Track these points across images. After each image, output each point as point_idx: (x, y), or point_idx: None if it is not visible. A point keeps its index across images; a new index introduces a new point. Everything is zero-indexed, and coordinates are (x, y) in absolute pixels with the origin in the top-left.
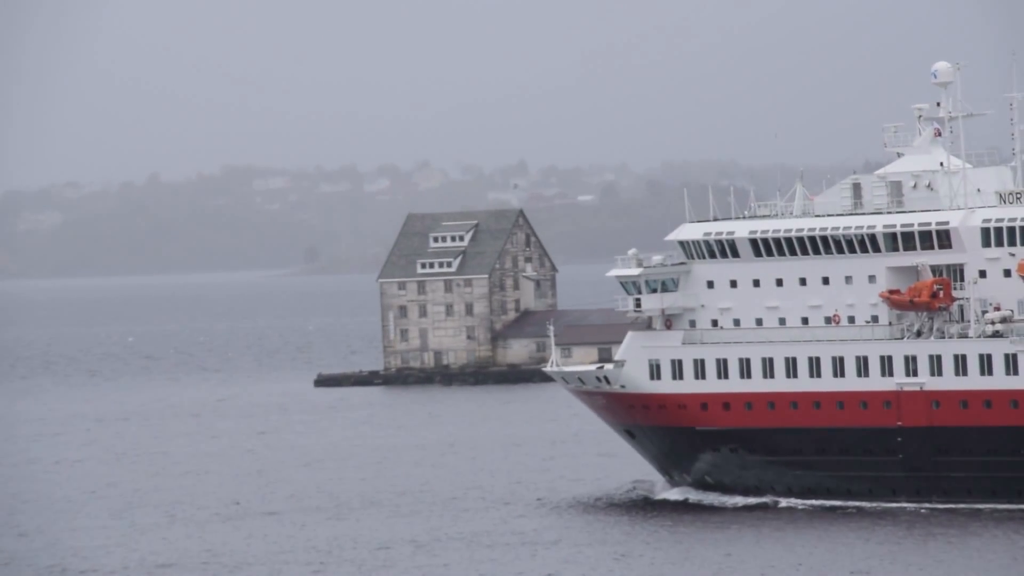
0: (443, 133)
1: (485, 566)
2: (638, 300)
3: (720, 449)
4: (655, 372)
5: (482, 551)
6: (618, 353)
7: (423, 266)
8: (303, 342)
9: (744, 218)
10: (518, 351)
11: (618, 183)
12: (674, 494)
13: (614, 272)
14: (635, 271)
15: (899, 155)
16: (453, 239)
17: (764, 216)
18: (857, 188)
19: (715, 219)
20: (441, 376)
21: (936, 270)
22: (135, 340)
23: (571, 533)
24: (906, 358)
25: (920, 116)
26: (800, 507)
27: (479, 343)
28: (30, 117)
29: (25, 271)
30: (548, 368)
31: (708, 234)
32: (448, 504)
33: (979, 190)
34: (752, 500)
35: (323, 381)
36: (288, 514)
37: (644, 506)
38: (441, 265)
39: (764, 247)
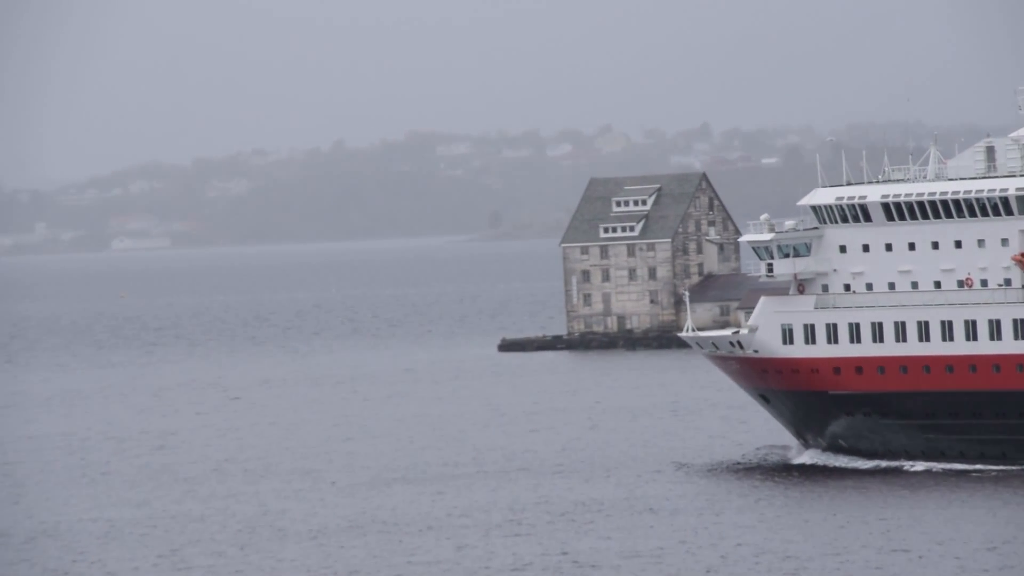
0: (625, 97)
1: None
2: (770, 265)
3: (853, 413)
4: (788, 337)
5: (621, 517)
6: (751, 318)
7: (606, 230)
8: (488, 307)
9: (877, 182)
10: (701, 315)
11: (802, 145)
12: (808, 458)
13: (746, 238)
14: (767, 236)
15: None
16: (636, 203)
17: (897, 180)
18: (991, 151)
19: (848, 183)
20: (624, 340)
21: None
22: (331, 304)
23: (699, 500)
24: None
25: None
26: (934, 470)
27: (662, 307)
28: (219, 86)
29: (213, 238)
30: (683, 334)
31: (840, 198)
32: (592, 469)
33: None
34: (885, 464)
35: (507, 346)
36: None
37: (778, 470)
38: (624, 229)
39: (896, 211)
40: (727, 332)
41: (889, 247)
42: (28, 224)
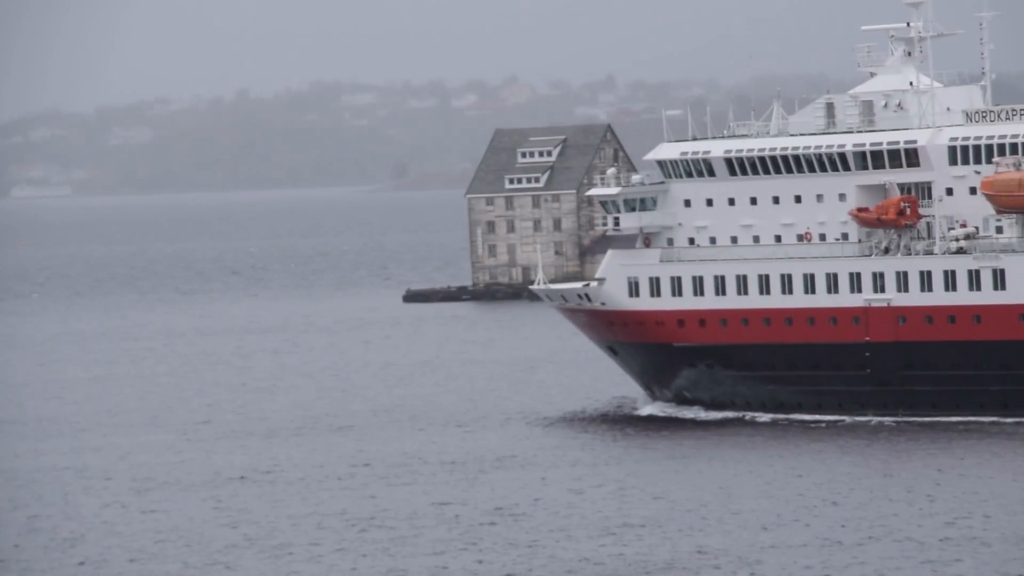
0: (531, 47)
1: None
2: (616, 219)
3: (696, 365)
4: (634, 289)
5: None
6: (598, 271)
7: (511, 181)
8: (391, 258)
9: (721, 138)
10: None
11: (707, 98)
12: (654, 409)
13: (593, 192)
14: (614, 191)
15: (872, 75)
16: (541, 154)
17: (740, 136)
18: (830, 108)
19: (693, 139)
20: (528, 292)
21: (904, 188)
22: (226, 255)
23: (544, 453)
24: (874, 275)
25: (892, 36)
26: (772, 421)
27: (567, 259)
28: (119, 32)
29: (115, 187)
30: (534, 287)
31: (685, 153)
32: (442, 424)
33: (948, 109)
34: (727, 415)
35: (411, 297)
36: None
37: (623, 421)
38: (529, 180)
39: (739, 166)
40: (576, 285)
41: (732, 202)
42: None
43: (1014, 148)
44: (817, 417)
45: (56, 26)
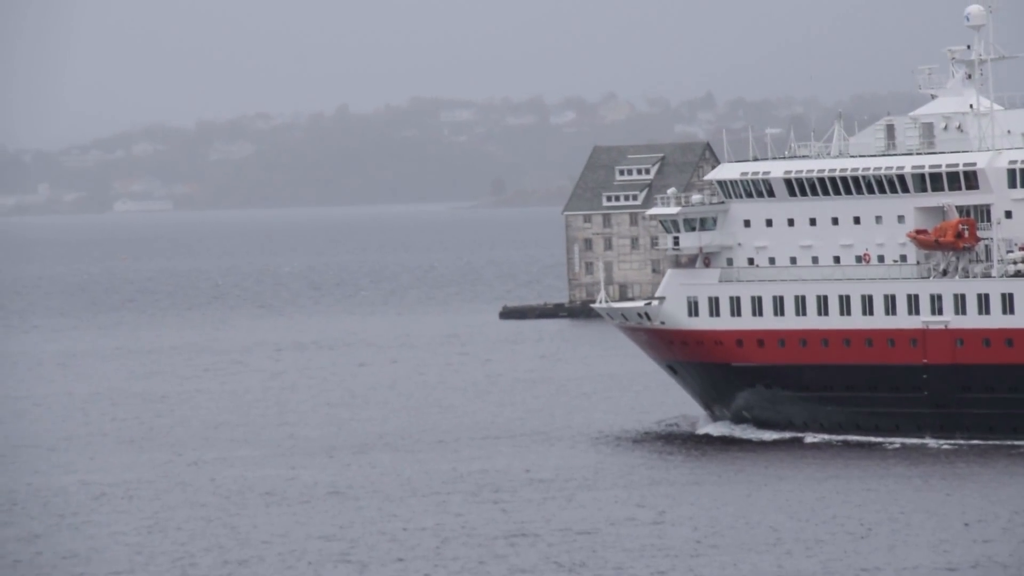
0: (629, 65)
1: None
2: (676, 238)
3: (755, 385)
4: (693, 309)
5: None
6: (659, 290)
7: (608, 199)
8: (490, 274)
9: (782, 158)
10: None
11: (806, 116)
12: (713, 429)
13: (653, 211)
14: (674, 210)
15: (932, 97)
16: (639, 172)
17: (801, 156)
18: (890, 129)
19: (754, 159)
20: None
21: (963, 210)
22: (328, 269)
23: (600, 473)
24: (932, 297)
25: (953, 58)
26: (830, 442)
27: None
28: (221, 48)
29: (216, 201)
30: (596, 305)
31: (745, 174)
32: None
33: (1009, 132)
34: (785, 435)
35: (508, 313)
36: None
37: (682, 440)
38: (627, 198)
39: (798, 187)
40: (637, 304)
41: (791, 222)
42: (31, 185)
43: None
44: (874, 439)
45: (159, 42)
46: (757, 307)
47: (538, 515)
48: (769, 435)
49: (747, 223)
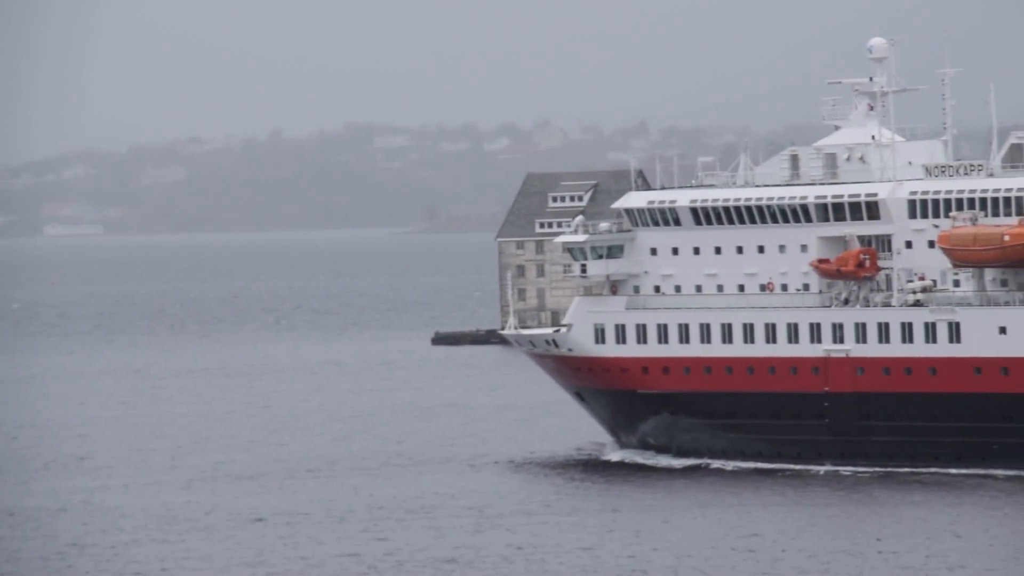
0: (563, 93)
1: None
2: (584, 266)
3: (660, 412)
4: (600, 336)
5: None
6: (566, 317)
7: (541, 225)
8: (423, 300)
9: (687, 187)
10: None
11: (739, 144)
12: (619, 455)
13: (562, 239)
14: (582, 238)
15: (836, 128)
16: (572, 199)
17: (708, 186)
18: (795, 159)
19: (662, 188)
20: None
21: (865, 240)
22: (257, 295)
23: (496, 499)
24: (833, 325)
25: (856, 90)
26: (731, 469)
27: None
28: (155, 72)
29: (148, 226)
30: (504, 331)
31: (652, 202)
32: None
33: (911, 163)
34: (689, 462)
35: (440, 339)
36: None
37: (585, 467)
38: (560, 225)
39: (704, 216)
40: (545, 331)
41: (697, 251)
42: None
43: (971, 203)
44: (777, 466)
45: (91, 65)
46: (663, 335)
47: (462, 542)
48: (674, 462)
49: (654, 251)
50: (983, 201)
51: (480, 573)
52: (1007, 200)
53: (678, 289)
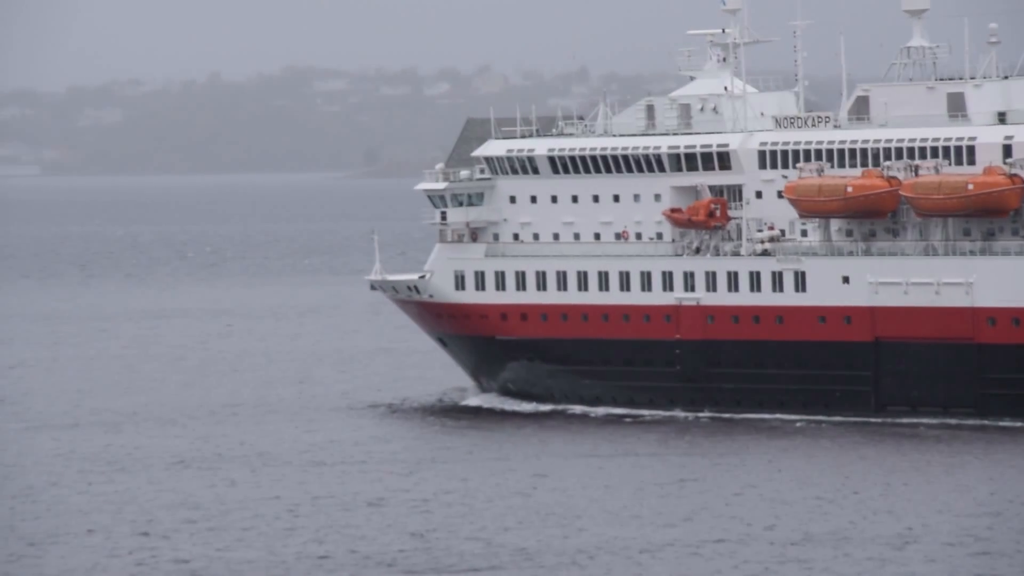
0: (504, 38)
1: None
2: (444, 213)
3: (519, 358)
4: (460, 283)
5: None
6: (427, 264)
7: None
8: (358, 245)
9: (547, 135)
10: None
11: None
12: (479, 401)
13: (421, 186)
14: (441, 185)
15: (691, 78)
16: None
17: (567, 135)
18: (651, 110)
19: (521, 136)
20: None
21: (717, 190)
22: (188, 236)
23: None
24: (685, 274)
25: (711, 42)
26: (589, 414)
27: None
28: (92, 11)
29: (85, 167)
30: (369, 277)
31: (511, 151)
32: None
33: (762, 114)
34: (545, 407)
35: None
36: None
37: (444, 412)
38: None
39: (561, 164)
40: (408, 277)
41: (555, 199)
42: None
43: (819, 154)
44: (630, 411)
45: (27, 7)
46: (521, 282)
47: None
48: (531, 407)
49: (512, 199)
50: (829, 152)
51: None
52: (852, 152)
53: (536, 237)
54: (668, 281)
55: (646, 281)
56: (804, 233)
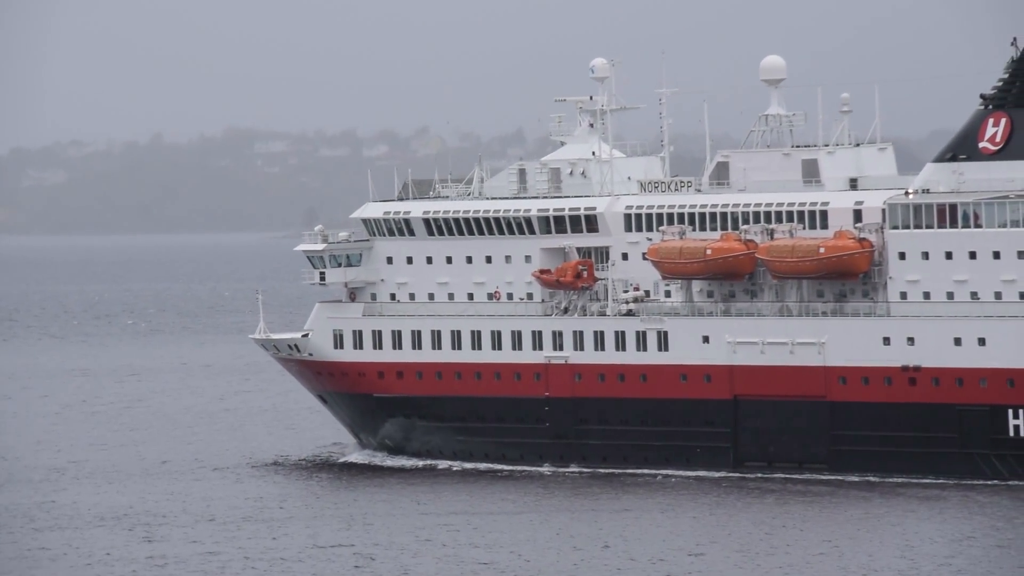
0: (442, 100)
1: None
2: (323, 274)
3: (395, 415)
4: (339, 342)
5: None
6: (307, 323)
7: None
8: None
9: (424, 198)
10: None
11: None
12: (357, 457)
13: (301, 247)
14: (320, 246)
15: (562, 143)
16: None
17: (440, 197)
18: (523, 173)
19: (399, 199)
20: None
21: (585, 252)
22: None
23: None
24: (554, 333)
25: (580, 108)
26: (457, 469)
27: None
28: (32, 75)
29: (28, 228)
30: (253, 336)
31: (388, 213)
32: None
33: (629, 178)
34: (419, 463)
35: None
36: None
37: (321, 468)
38: None
39: (436, 227)
40: (289, 335)
41: (430, 260)
42: None
43: (681, 217)
44: (501, 467)
45: None
46: (397, 340)
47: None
48: (407, 462)
49: (390, 260)
50: (691, 216)
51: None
52: (712, 215)
53: (412, 297)
54: (538, 340)
55: (517, 340)
56: (668, 294)
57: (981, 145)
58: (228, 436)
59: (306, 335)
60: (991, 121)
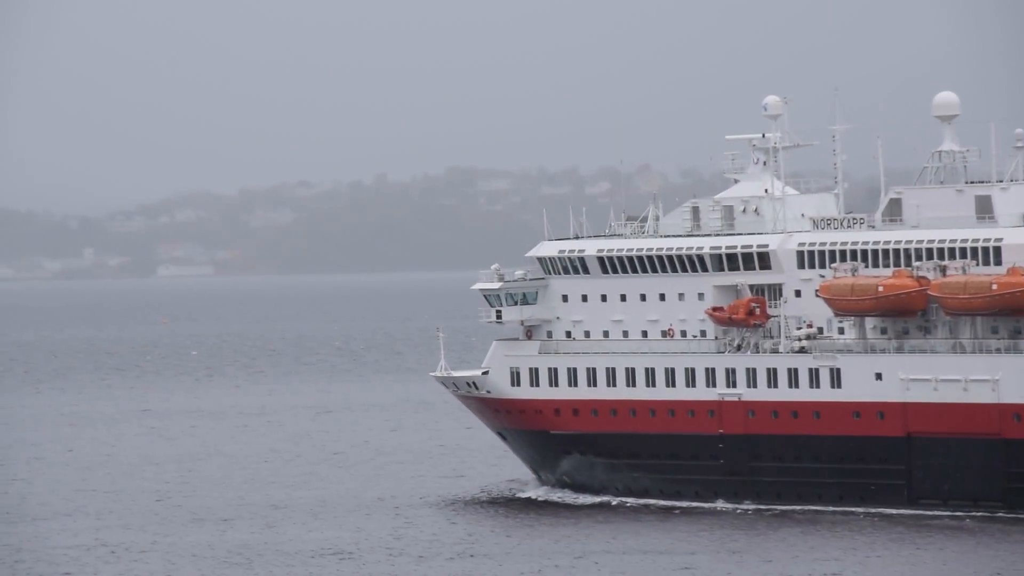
0: (662, 137)
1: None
2: (499, 312)
3: (571, 451)
4: (515, 379)
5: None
6: (485, 361)
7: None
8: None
9: (597, 236)
10: None
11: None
12: (535, 493)
13: (478, 286)
14: (496, 285)
15: (735, 181)
16: None
17: (617, 235)
18: (696, 211)
19: (574, 237)
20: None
21: (758, 289)
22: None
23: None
24: (727, 370)
25: (753, 146)
26: (631, 504)
27: None
28: (265, 118)
29: (256, 267)
30: (434, 373)
31: (563, 251)
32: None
33: (802, 215)
34: (596, 499)
35: None
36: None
37: (500, 504)
38: None
39: (610, 265)
40: (469, 373)
41: (604, 298)
42: (76, 249)
43: (853, 254)
44: (675, 503)
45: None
46: (573, 378)
47: None
48: (584, 499)
49: (565, 298)
50: (864, 253)
51: None
52: (885, 252)
53: (587, 334)
54: (711, 377)
55: (690, 377)
56: (841, 331)
57: None
58: (411, 471)
59: (485, 372)
60: None
